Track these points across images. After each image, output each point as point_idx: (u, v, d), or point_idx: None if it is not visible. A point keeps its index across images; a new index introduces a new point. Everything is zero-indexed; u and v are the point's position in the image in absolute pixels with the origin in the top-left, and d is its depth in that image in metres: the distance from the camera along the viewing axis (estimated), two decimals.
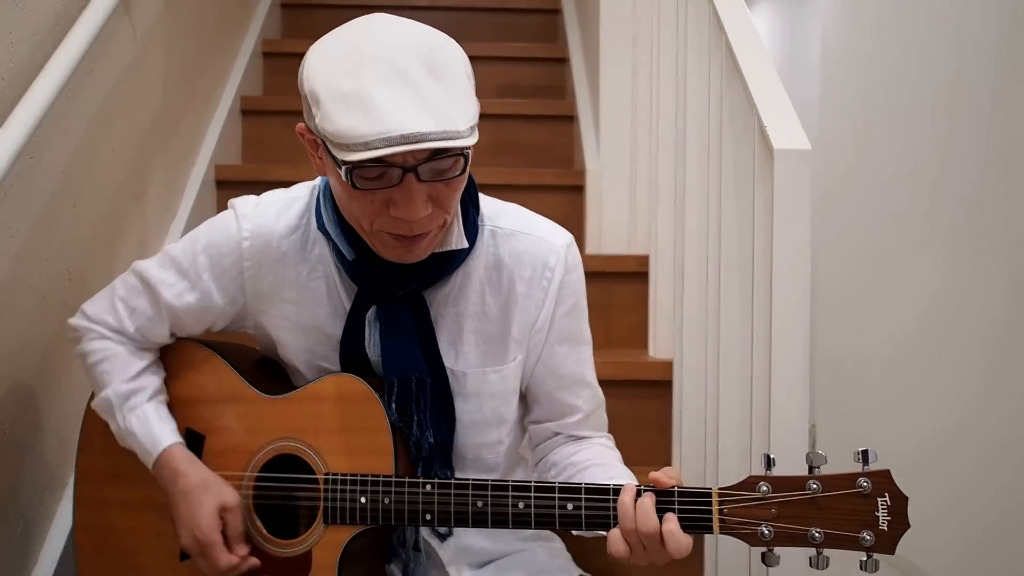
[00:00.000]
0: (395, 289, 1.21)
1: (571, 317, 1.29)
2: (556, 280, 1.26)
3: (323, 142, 1.07)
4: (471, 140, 1.04)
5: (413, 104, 1.01)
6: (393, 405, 1.21)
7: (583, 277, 1.31)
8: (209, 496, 1.22)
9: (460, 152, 1.06)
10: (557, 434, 1.34)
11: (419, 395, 1.22)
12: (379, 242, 1.14)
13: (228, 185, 2.62)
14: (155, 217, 2.20)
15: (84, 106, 1.77)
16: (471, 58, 1.11)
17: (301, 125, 1.15)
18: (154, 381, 1.30)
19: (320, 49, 1.09)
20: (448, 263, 1.21)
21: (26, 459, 1.54)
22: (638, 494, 1.10)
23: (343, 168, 1.04)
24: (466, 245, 1.21)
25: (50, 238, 1.63)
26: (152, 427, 1.26)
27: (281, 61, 3.19)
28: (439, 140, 1.01)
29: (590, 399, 1.34)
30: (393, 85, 1.01)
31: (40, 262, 1.60)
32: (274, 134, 2.91)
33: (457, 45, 1.10)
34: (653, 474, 1.11)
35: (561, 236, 1.28)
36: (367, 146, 1.00)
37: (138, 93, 2.07)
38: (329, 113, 1.03)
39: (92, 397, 1.33)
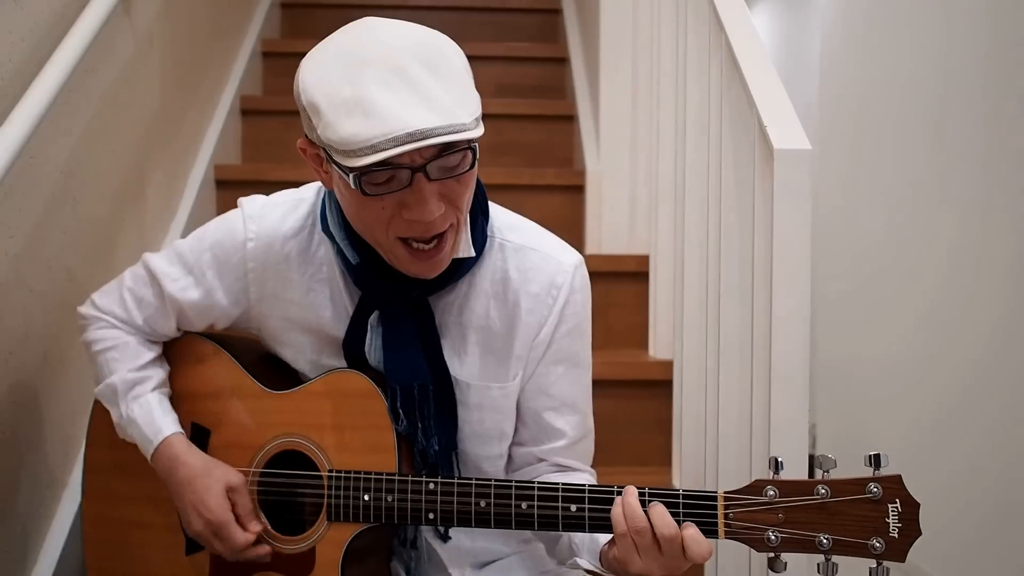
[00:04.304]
0: (398, 295, 1.20)
1: (571, 338, 1.26)
2: (561, 299, 1.24)
3: (327, 153, 1.06)
4: (477, 132, 1.03)
5: (416, 102, 0.99)
6: (400, 412, 1.20)
7: (589, 300, 1.28)
8: (213, 480, 1.22)
9: (467, 146, 1.04)
10: (541, 460, 1.30)
11: (422, 402, 1.21)
12: (396, 257, 1.12)
13: (228, 185, 2.62)
14: (155, 217, 2.20)
15: (84, 106, 1.77)
16: (470, 58, 1.11)
17: (302, 140, 1.13)
18: (160, 373, 1.31)
19: (314, 59, 1.07)
20: (453, 271, 1.19)
21: (25, 459, 1.54)
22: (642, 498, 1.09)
23: (351, 175, 1.02)
24: (473, 253, 1.20)
25: (50, 238, 1.63)
26: (154, 416, 1.26)
27: (281, 61, 3.19)
28: (446, 134, 0.99)
29: (577, 425, 1.29)
30: (392, 85, 1.00)
31: (40, 262, 1.60)
32: (274, 134, 2.91)
33: (452, 41, 1.09)
34: None
35: (571, 256, 1.26)
36: (374, 148, 0.99)
37: (138, 93, 2.07)
38: (331, 122, 1.01)
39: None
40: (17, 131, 1.41)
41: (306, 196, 1.27)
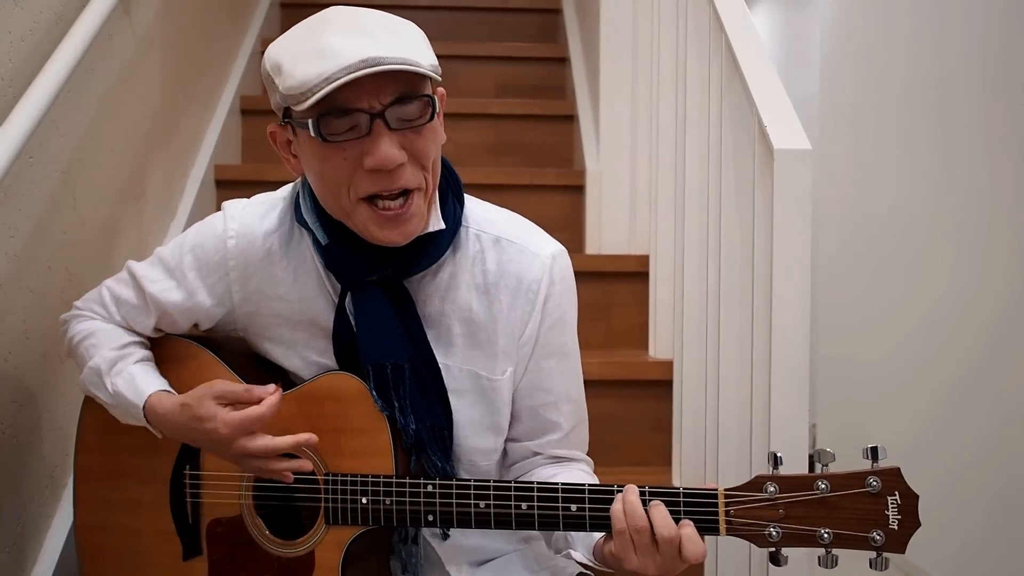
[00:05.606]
0: (369, 273, 1.19)
1: (556, 331, 1.26)
2: (542, 294, 1.23)
3: (292, 123, 1.10)
4: (432, 72, 1.07)
5: (371, 42, 1.05)
6: (374, 392, 1.19)
7: (572, 289, 1.28)
8: (196, 408, 1.17)
9: (425, 96, 1.08)
10: (536, 454, 1.30)
11: (396, 381, 1.19)
12: (363, 221, 1.13)
13: (228, 185, 2.62)
14: (155, 217, 2.20)
15: (84, 106, 1.77)
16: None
17: (271, 126, 1.18)
18: (142, 351, 1.30)
19: (280, 36, 1.14)
20: (424, 248, 1.19)
21: (25, 459, 1.54)
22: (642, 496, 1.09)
23: (310, 122, 1.06)
24: (443, 226, 1.19)
25: (50, 238, 1.63)
26: (136, 382, 1.23)
27: None
28: (398, 64, 1.03)
29: (571, 414, 1.30)
30: (351, 35, 1.05)
31: (40, 262, 1.60)
32: None
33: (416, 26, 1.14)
34: None
35: (548, 247, 1.25)
36: (327, 80, 1.03)
37: (138, 93, 2.07)
38: (291, 71, 1.06)
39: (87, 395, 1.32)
40: (17, 131, 1.41)
41: (284, 195, 1.29)
